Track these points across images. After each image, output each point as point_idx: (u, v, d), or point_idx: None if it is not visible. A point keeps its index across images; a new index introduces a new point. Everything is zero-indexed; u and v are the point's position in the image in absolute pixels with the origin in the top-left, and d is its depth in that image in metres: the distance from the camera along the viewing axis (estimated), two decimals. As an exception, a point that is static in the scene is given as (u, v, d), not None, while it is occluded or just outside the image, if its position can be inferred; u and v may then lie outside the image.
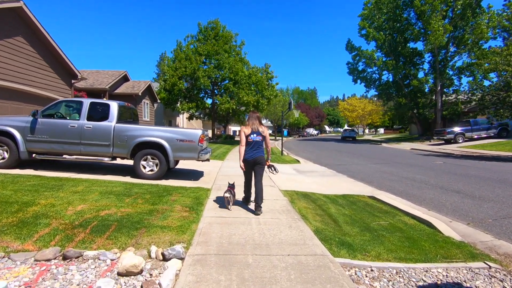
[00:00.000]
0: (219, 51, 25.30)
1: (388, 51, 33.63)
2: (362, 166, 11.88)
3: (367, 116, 60.82)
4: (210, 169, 9.61)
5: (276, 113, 41.45)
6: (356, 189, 7.27)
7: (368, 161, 13.73)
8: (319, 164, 12.66)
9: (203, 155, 6.92)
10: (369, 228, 4.25)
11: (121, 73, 17.48)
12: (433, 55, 31.96)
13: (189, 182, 6.93)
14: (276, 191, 6.45)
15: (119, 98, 17.13)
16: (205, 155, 7.01)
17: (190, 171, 8.81)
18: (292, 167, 11.51)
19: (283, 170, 10.29)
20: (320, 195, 6.40)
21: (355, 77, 37.47)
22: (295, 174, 9.60)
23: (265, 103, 26.04)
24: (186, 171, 8.82)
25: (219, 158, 13.14)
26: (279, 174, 9.18)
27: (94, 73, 17.19)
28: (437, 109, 32.10)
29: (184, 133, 6.89)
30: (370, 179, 8.81)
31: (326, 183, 8.11)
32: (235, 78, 24.68)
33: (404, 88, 34.90)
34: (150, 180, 6.70)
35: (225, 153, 15.86)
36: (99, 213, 3.98)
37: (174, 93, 24.69)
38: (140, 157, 6.78)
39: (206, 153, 7.10)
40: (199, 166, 9.75)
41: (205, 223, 4.00)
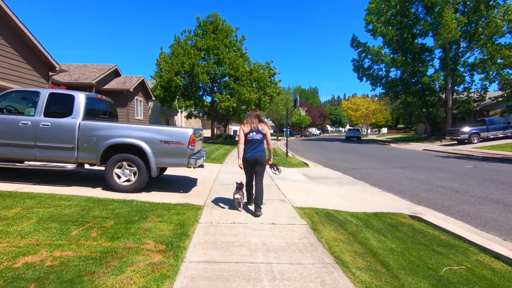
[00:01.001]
0: (218, 45, 23.77)
1: (396, 47, 32.09)
2: (381, 171, 10.35)
3: (371, 116, 59.22)
4: (206, 175, 8.10)
5: (278, 112, 39.93)
6: (388, 204, 5.75)
7: (385, 164, 12.20)
8: (331, 168, 11.14)
9: (195, 160, 5.40)
10: (442, 281, 2.73)
11: (110, 67, 15.98)
12: (444, 50, 30.39)
13: (176, 195, 5.42)
14: (289, 209, 4.92)
15: (108, 94, 15.57)
16: (198, 160, 5.50)
17: (180, 179, 7.30)
18: (301, 172, 9.99)
19: (291, 176, 8.77)
20: (346, 213, 4.88)
21: (361, 74, 35.90)
22: (307, 182, 8.07)
23: (268, 100, 24.50)
24: (174, 178, 7.31)
25: (217, 161, 11.63)
26: (289, 182, 7.67)
27: (81, 67, 15.72)
28: (447, 108, 30.55)
29: (170, 133, 5.37)
30: (398, 189, 7.28)
31: (348, 194, 6.58)
32: (235, 74, 23.16)
33: (412, 85, 33.34)
34: (126, 193, 5.20)
35: (224, 155, 14.35)
36: (15, 262, 2.47)
37: (171, 90, 23.14)
38: (113, 164, 5.27)
39: (199, 158, 5.60)
40: (193, 171, 8.24)
41: (186, 277, 2.48)
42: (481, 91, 30.96)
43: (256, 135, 4.40)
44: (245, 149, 4.45)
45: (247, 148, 4.43)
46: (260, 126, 4.45)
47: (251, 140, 4.40)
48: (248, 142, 4.42)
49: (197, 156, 5.68)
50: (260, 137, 4.44)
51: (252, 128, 4.42)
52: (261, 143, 4.46)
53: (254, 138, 4.40)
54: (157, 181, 6.69)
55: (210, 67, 23.03)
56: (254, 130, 4.41)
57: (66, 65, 16.02)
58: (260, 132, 4.43)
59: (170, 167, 5.85)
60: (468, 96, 31.07)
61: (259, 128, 4.44)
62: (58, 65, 10.81)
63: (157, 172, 5.34)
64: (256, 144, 4.41)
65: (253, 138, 4.39)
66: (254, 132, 4.40)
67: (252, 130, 4.42)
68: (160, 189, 5.91)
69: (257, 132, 4.41)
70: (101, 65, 16.27)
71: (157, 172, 5.34)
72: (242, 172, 4.79)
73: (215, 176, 8.12)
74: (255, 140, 4.40)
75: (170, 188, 6.07)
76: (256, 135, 4.40)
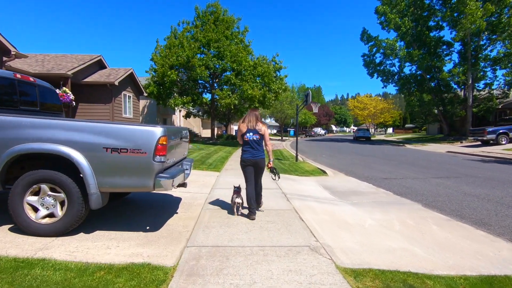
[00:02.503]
0: (219, 37, 21.58)
1: (411, 41, 29.70)
2: (422, 182, 8.10)
3: (379, 115, 56.82)
4: (195, 191, 5.90)
5: (283, 110, 37.64)
6: (484, 251, 3.51)
7: (422, 172, 9.94)
8: (356, 177, 8.91)
9: (169, 180, 3.21)
10: None
11: (93, 57, 13.84)
12: (464, 44, 27.99)
13: (133, 239, 3.22)
14: (334, 277, 2.67)
15: (89, 88, 13.53)
16: (174, 179, 3.30)
17: (154, 198, 5.10)
18: (321, 183, 7.77)
19: (311, 191, 6.53)
20: (435, 282, 2.65)
21: (371, 70, 33.57)
22: (336, 202, 5.84)
23: (273, 97, 22.26)
24: (143, 200, 5.11)
25: (214, 168, 9.42)
26: (313, 203, 5.42)
27: (58, 57, 13.64)
28: (467, 106, 28.14)
29: (122, 134, 3.16)
30: (474, 216, 5.02)
31: (406, 228, 4.33)
32: (237, 68, 20.95)
33: (428, 82, 30.94)
34: (47, 236, 3.03)
35: (224, 158, 12.14)
36: None
37: (166, 86, 21.01)
38: (23, 187, 3.09)
39: (176, 175, 3.41)
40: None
41: None
42: (504, 88, 28.56)
43: (253, 135, 4.26)
44: (244, 149, 4.35)
45: (246, 148, 4.33)
46: (257, 126, 4.28)
47: (248, 141, 4.28)
48: (245, 142, 4.31)
49: (173, 172, 3.47)
50: (257, 138, 4.28)
51: (249, 128, 4.28)
52: (259, 144, 4.32)
53: (251, 139, 4.26)
54: (109, 207, 4.50)
55: (210, 61, 20.85)
56: (251, 130, 4.27)
57: (42, 55, 13.94)
58: (257, 132, 4.28)
59: (124, 191, 3.63)
60: (490, 93, 28.66)
61: (256, 128, 4.27)
62: (15, 49, 8.68)
63: (101, 202, 3.14)
64: (255, 146, 4.28)
65: (250, 139, 4.26)
66: (251, 132, 4.27)
67: (248, 129, 4.28)
68: (112, 221, 3.73)
69: (254, 133, 4.27)
70: (82, 55, 14.14)
71: (101, 201, 3.14)
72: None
73: (208, 193, 5.91)
74: (252, 141, 4.28)
75: (130, 220, 3.89)
76: (252, 136, 4.26)
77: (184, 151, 4.50)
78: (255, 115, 4.36)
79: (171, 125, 31.29)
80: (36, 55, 13.64)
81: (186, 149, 4.71)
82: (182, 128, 4.40)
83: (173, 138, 3.62)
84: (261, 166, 4.35)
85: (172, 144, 3.54)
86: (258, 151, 4.29)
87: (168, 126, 3.54)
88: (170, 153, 3.46)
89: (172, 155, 3.65)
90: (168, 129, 3.38)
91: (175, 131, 3.80)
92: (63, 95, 11.03)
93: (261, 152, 4.33)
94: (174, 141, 3.69)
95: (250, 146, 4.28)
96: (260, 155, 4.29)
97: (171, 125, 3.64)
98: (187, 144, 4.86)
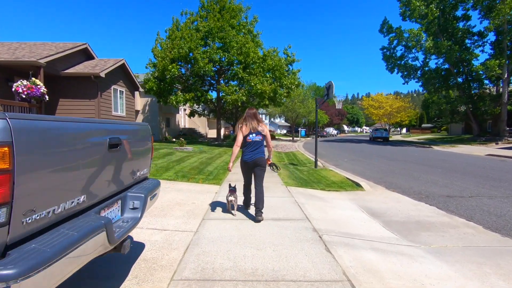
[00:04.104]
0: (224, 26, 19.40)
1: (437, 32, 26.85)
2: (509, 204, 5.68)
3: (396, 114, 53.64)
4: (173, 227, 3.61)
5: (295, 109, 35.19)
6: None
7: (491, 186, 7.49)
8: (403, 193, 6.54)
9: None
10: None
11: (76, 45, 11.78)
12: (498, 33, 25.02)
13: None
14: None
15: (70, 81, 11.53)
16: (37, 273, 1.06)
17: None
18: (360, 205, 5.45)
19: (353, 222, 4.20)
20: None
21: (391, 65, 30.89)
22: (401, 249, 3.49)
23: (284, 94, 19.96)
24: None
25: (213, 180, 7.20)
26: (365, 253, 2.83)
27: (37, 45, 11.68)
28: (502, 102, 25.13)
29: None
30: None
31: None
32: (245, 60, 18.73)
33: (455, 77, 28.05)
34: None
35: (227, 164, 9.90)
36: None
37: (167, 81, 18.98)
38: None
39: (43, 263, 1.15)
40: (149, 221, 3.85)
41: None
42: (544, 82, 25.51)
43: (256, 136, 4.22)
44: (244, 151, 4.29)
45: (246, 150, 4.26)
46: (259, 127, 4.24)
47: (251, 142, 4.22)
48: (247, 144, 4.24)
49: (44, 255, 1.22)
50: (260, 139, 4.25)
51: (251, 130, 4.22)
52: (261, 145, 4.28)
53: (254, 140, 4.22)
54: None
55: (214, 53, 18.69)
56: (253, 132, 4.22)
57: (19, 43, 12.03)
58: (260, 133, 4.24)
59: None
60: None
61: (258, 129, 4.23)
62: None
63: None
64: (256, 146, 4.24)
65: (253, 140, 4.22)
66: (253, 133, 4.22)
67: (251, 131, 4.22)
68: None
69: (257, 134, 4.22)
70: (64, 43, 12.16)
71: None
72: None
73: (195, 231, 3.65)
74: (255, 142, 4.22)
75: None
76: (256, 137, 4.22)
77: (132, 170, 2.27)
78: (254, 115, 4.30)
79: (175, 125, 29.31)
80: (12, 43, 11.75)
81: (140, 165, 2.47)
82: (128, 123, 2.15)
83: (57, 147, 1.39)
84: (261, 164, 4.27)
85: (54, 166, 1.31)
86: (258, 152, 4.24)
87: (31, 116, 1.30)
88: (50, 191, 1.24)
89: (71, 192, 1.43)
90: (25, 125, 1.16)
91: (58, 131, 1.53)
92: (31, 87, 9.02)
93: (261, 152, 4.28)
94: (66, 154, 1.45)
95: (252, 147, 4.23)
96: (259, 155, 4.24)
97: (55, 116, 1.80)
98: (149, 153, 2.64)
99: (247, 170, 4.35)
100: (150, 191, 2.36)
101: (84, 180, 1.60)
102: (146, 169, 2.62)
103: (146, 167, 2.61)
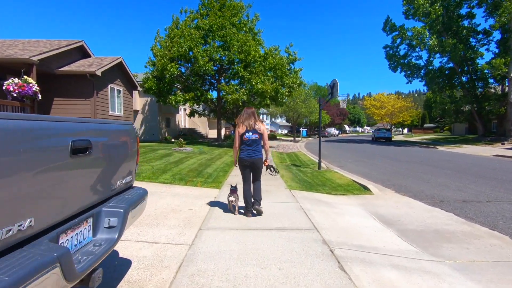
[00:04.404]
0: (224, 24, 19.01)
1: (441, 30, 26.39)
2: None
3: (398, 114, 53.18)
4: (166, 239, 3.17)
5: (296, 109, 34.74)
6: None
7: (508, 190, 7.06)
8: (414, 197, 6.14)
9: None
10: None
11: (71, 43, 11.36)
12: (505, 31, 24.53)
13: None
14: None
15: (65, 79, 11.14)
16: None
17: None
18: (371, 211, 5.04)
19: (366, 232, 3.78)
20: None
21: (394, 64, 30.41)
22: (423, 265, 3.07)
23: (286, 93, 19.53)
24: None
25: (212, 183, 6.79)
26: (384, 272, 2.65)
27: (31, 42, 11.31)
28: (508, 102, 24.66)
29: None
30: None
31: None
32: (246, 59, 18.32)
33: (459, 76, 27.58)
34: None
35: (229, 166, 9.50)
36: None
37: (166, 81, 18.61)
38: None
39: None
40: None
41: None
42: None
43: (253, 135, 4.18)
44: (242, 148, 4.24)
45: (244, 147, 4.22)
46: (256, 126, 4.19)
47: (247, 141, 4.19)
48: (244, 142, 4.21)
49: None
50: (257, 137, 4.20)
51: (248, 128, 4.18)
52: (258, 144, 4.24)
53: (251, 138, 4.18)
54: None
55: (214, 51, 18.28)
56: (250, 130, 4.18)
57: (12, 40, 11.66)
58: (256, 132, 4.19)
59: None
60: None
61: (255, 127, 4.19)
62: None
63: None
64: (254, 145, 4.20)
65: (249, 139, 4.18)
66: (250, 132, 4.18)
67: (248, 130, 4.18)
68: None
69: (253, 132, 4.18)
70: (59, 41, 11.78)
71: None
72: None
73: (191, 244, 3.24)
74: (251, 141, 4.19)
75: None
76: (252, 135, 4.18)
77: (109, 179, 1.87)
78: (252, 114, 4.28)
79: (175, 125, 28.90)
80: (5, 40, 11.37)
81: (121, 173, 2.07)
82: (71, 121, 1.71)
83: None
84: (258, 166, 4.28)
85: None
86: (256, 151, 4.22)
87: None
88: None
89: (8, 216, 1.04)
90: None
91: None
92: (22, 85, 8.64)
93: (259, 152, 4.26)
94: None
95: (249, 146, 4.20)
96: (257, 155, 4.23)
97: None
98: (133, 157, 2.24)
99: (245, 169, 4.33)
100: (132, 203, 1.95)
101: (32, 197, 1.20)
102: (129, 177, 2.22)
103: (129, 175, 2.21)
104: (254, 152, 4.21)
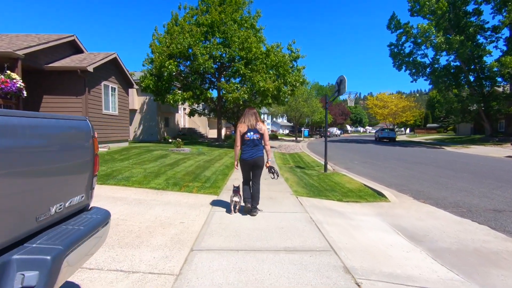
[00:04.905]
0: (225, 20, 18.33)
1: (448, 27, 25.64)
2: None
3: (401, 113, 52.35)
4: (147, 267, 2.46)
5: (298, 108, 34.02)
6: None
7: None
8: (437, 205, 5.45)
9: None
10: None
11: (61, 37, 10.67)
12: (513, 28, 23.81)
13: None
14: None
15: (55, 76, 10.48)
16: None
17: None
18: (392, 223, 4.35)
19: (393, 254, 3.06)
20: None
21: (399, 62, 29.70)
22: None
23: (289, 91, 18.84)
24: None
25: (210, 188, 6.09)
26: None
27: (19, 36, 10.65)
28: (516, 101, 23.91)
29: None
30: None
31: None
32: (247, 56, 17.63)
33: (467, 74, 26.82)
34: None
35: (228, 168, 8.81)
36: None
37: (164, 79, 17.93)
38: None
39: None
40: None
41: None
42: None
43: (254, 135, 4.20)
44: (243, 148, 4.27)
45: (245, 148, 4.24)
46: (257, 126, 4.23)
47: (249, 140, 4.21)
48: (245, 142, 4.23)
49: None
50: (258, 137, 4.22)
51: (249, 127, 4.21)
52: (259, 144, 4.26)
53: (252, 138, 4.21)
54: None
55: (214, 48, 17.59)
56: (251, 130, 4.21)
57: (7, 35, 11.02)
58: (257, 131, 4.22)
59: None
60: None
61: (256, 127, 4.22)
62: None
63: None
64: (254, 144, 4.21)
65: (251, 138, 4.21)
66: (251, 131, 4.20)
67: (249, 129, 4.21)
68: None
69: (255, 132, 4.21)
70: (48, 35, 11.13)
71: None
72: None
73: (178, 273, 2.54)
74: (252, 140, 4.21)
75: None
76: (253, 135, 4.20)
77: (35, 204, 1.17)
78: (254, 114, 4.30)
79: (174, 125, 28.16)
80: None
81: (64, 191, 1.37)
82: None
83: None
84: (259, 165, 4.27)
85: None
86: (257, 151, 4.22)
87: None
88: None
89: None
90: None
91: None
92: (5, 81, 7.97)
93: (260, 151, 4.25)
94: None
95: (250, 146, 4.21)
96: (258, 154, 4.23)
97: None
98: (87, 167, 1.55)
99: (247, 169, 4.34)
100: (74, 241, 1.26)
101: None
102: (81, 196, 1.53)
103: (80, 193, 1.52)
104: (256, 152, 4.22)
